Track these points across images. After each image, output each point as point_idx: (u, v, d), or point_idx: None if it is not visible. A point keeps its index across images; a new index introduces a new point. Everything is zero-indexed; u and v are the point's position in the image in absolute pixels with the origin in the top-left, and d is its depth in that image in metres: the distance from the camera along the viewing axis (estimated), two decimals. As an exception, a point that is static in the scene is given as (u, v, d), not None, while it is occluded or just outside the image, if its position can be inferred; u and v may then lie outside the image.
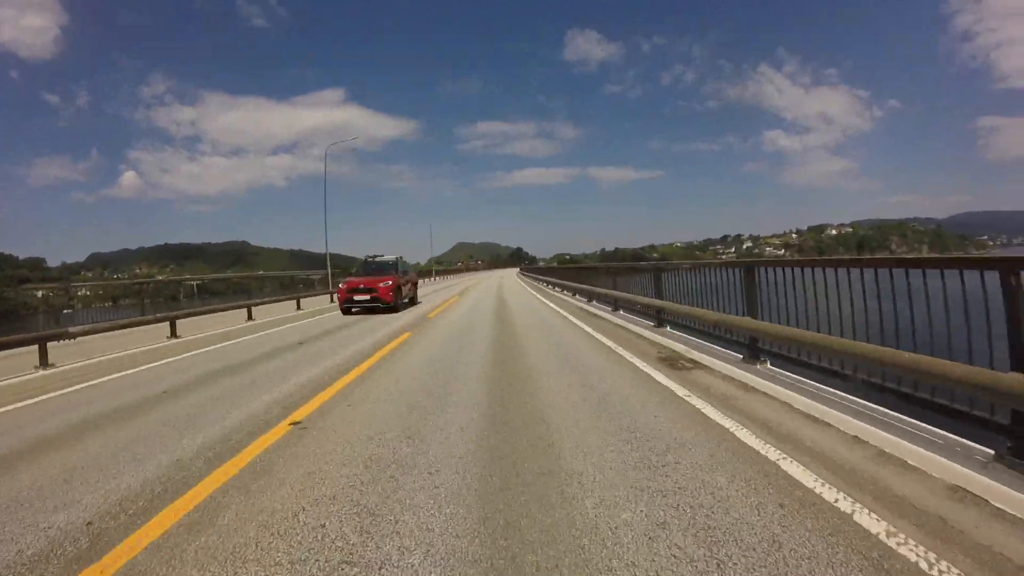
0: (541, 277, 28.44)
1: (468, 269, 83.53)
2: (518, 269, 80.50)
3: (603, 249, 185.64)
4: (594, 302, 13.51)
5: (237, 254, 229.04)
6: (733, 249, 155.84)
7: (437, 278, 52.79)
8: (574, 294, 16.85)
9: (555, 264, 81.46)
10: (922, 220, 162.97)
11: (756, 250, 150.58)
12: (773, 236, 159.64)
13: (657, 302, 8.22)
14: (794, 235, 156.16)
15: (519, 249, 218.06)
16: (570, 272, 19.66)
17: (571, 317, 11.02)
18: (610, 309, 11.32)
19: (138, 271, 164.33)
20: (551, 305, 14.23)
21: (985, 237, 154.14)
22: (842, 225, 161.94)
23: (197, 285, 25.21)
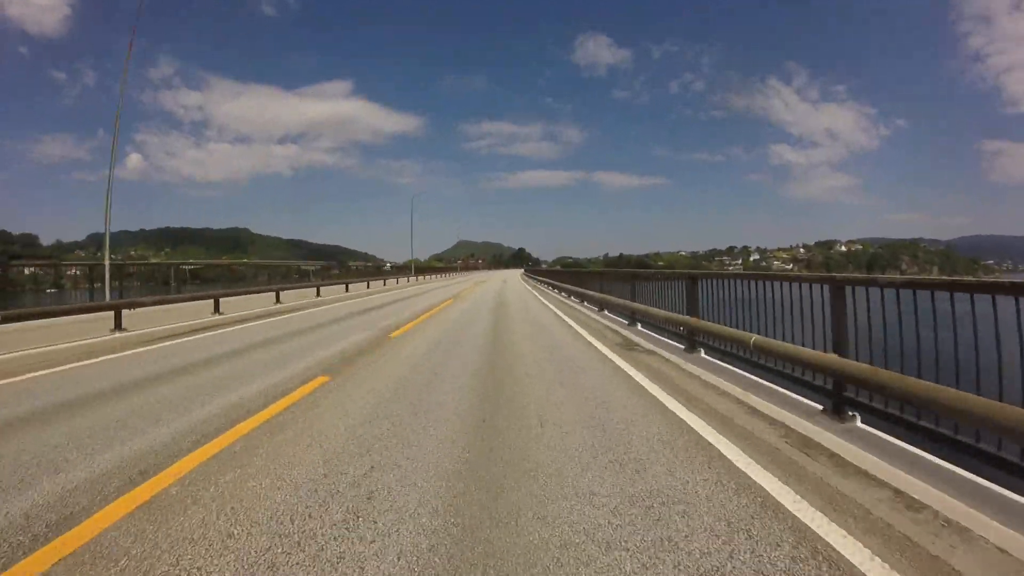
0: (547, 280, 27.83)
1: (467, 268, 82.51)
2: (522, 271, 79.18)
3: (607, 254, 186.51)
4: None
5: (235, 240, 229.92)
6: (740, 261, 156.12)
7: (420, 278, 42.23)
8: (569, 296, 17.58)
9: (558, 267, 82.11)
10: (927, 241, 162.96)
11: (764, 263, 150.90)
12: (780, 250, 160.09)
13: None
14: (802, 249, 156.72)
15: (522, 250, 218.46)
16: (575, 276, 20.16)
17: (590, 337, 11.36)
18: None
19: (132, 253, 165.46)
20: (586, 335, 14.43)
21: (991, 262, 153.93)
22: (852, 242, 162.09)
23: (190, 270, 25.44)
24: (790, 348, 3.76)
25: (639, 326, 8.84)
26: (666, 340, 7.19)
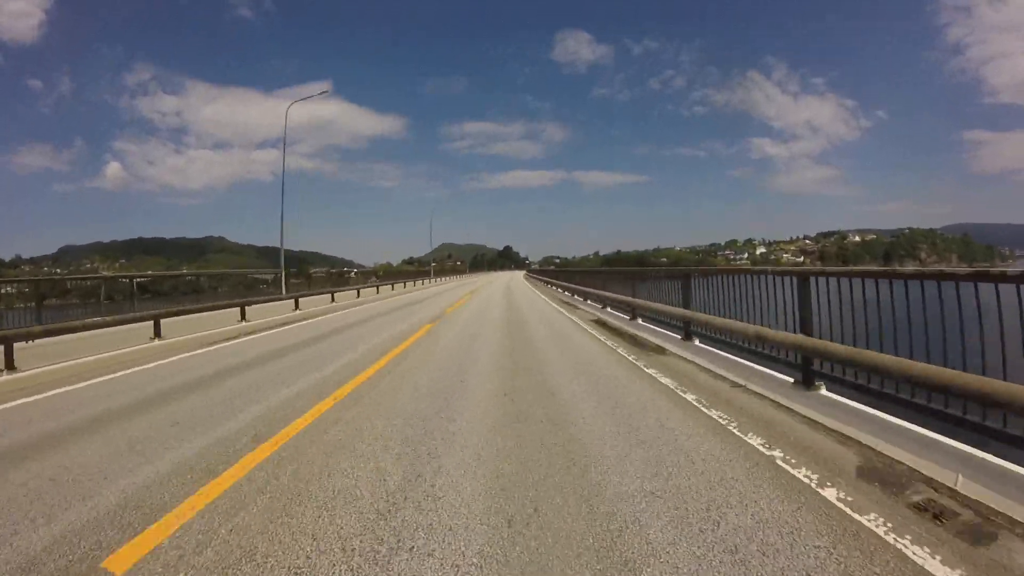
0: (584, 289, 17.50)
1: (444, 272, 76.91)
2: (524, 273, 69.61)
3: (597, 252, 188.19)
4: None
5: (199, 249, 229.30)
6: (746, 254, 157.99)
7: (392, 287, 31.71)
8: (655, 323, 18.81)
9: (551, 267, 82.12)
10: (942, 229, 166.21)
11: (773, 256, 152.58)
12: (786, 242, 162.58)
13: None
14: (808, 241, 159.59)
15: (508, 248, 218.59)
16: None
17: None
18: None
19: (88, 265, 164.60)
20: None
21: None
22: (864, 231, 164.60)
23: (138, 283, 24.66)
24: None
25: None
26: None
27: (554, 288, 24.98)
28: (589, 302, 15.52)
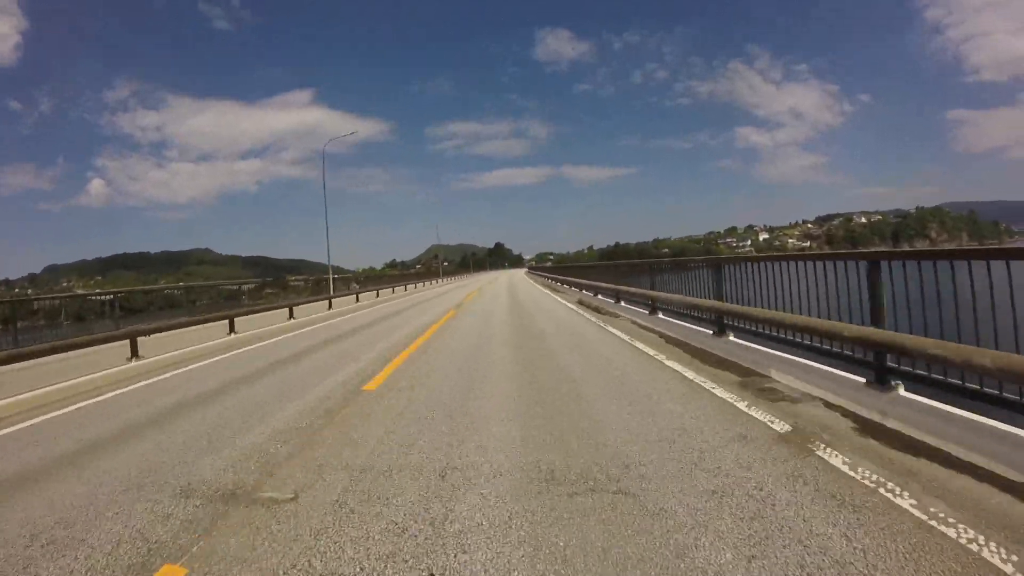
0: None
1: (432, 274, 73.19)
2: (524, 271, 67.53)
3: (591, 246, 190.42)
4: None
5: (183, 262, 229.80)
6: (748, 241, 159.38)
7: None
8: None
9: (548, 263, 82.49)
10: (904, 212, 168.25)
11: (777, 243, 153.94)
12: (784, 227, 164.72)
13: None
14: (810, 225, 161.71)
15: (499, 245, 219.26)
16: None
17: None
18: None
19: (65, 284, 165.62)
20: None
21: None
22: (870, 213, 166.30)
23: (109, 300, 24.89)
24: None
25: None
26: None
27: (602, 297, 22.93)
28: (661, 315, 16.90)
